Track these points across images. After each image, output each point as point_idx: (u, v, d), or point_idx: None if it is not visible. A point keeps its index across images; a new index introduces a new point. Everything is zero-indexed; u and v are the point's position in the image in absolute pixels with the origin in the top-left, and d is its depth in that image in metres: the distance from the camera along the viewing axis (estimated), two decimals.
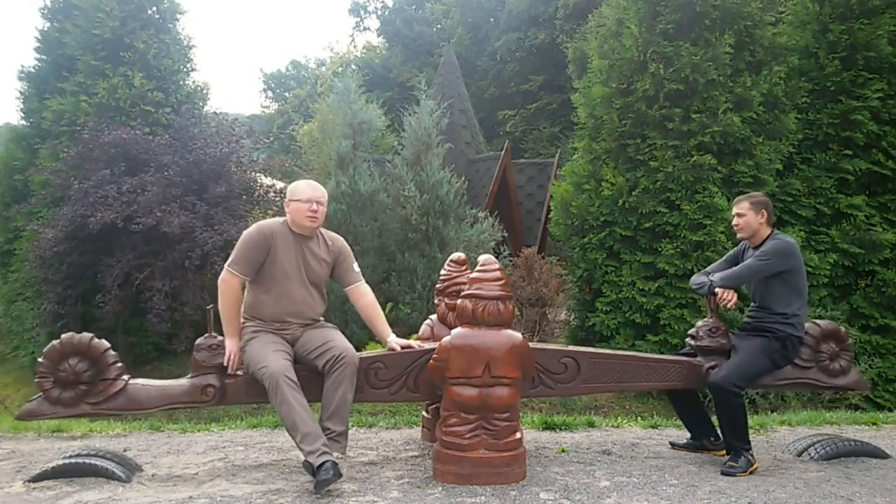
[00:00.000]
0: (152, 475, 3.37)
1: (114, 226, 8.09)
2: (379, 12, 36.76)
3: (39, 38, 10.59)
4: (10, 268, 10.35)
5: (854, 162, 8.04)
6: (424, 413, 4.01)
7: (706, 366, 3.68)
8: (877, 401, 7.41)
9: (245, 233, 3.39)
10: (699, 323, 3.82)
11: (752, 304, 3.83)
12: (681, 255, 7.52)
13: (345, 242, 3.63)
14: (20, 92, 10.85)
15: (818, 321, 3.85)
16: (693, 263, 7.43)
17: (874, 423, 4.87)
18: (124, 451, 3.72)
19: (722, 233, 7.39)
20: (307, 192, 3.38)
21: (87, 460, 3.27)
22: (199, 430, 4.44)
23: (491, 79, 27.38)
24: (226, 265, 3.34)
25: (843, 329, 3.85)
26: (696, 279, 3.83)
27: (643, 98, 7.85)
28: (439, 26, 32.12)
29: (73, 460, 3.28)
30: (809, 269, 7.62)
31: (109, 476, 3.22)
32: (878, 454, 3.86)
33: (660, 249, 7.67)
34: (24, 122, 10.90)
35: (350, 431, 4.24)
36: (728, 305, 3.61)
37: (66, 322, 8.71)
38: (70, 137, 9.32)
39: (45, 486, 3.14)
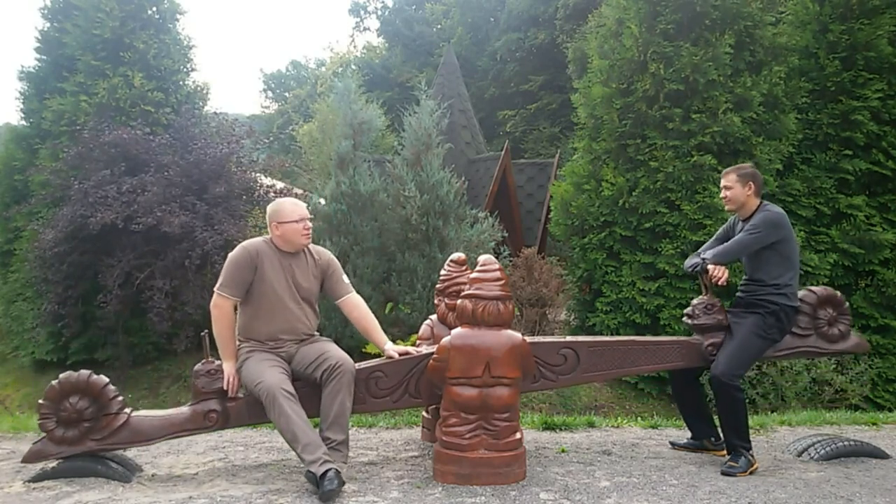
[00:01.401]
0: (152, 475, 3.37)
1: (114, 226, 8.08)
2: (379, 12, 36.77)
3: (39, 38, 10.58)
4: (10, 268, 10.33)
5: (854, 162, 8.04)
6: (424, 413, 4.01)
7: (705, 343, 3.67)
8: (877, 401, 7.42)
9: (230, 255, 3.39)
10: (695, 301, 3.80)
11: (744, 276, 3.80)
12: (681, 256, 7.52)
13: (332, 255, 3.61)
14: (20, 92, 10.84)
15: (813, 287, 3.80)
16: None
17: (874, 423, 4.87)
18: (124, 451, 3.72)
19: None
20: (298, 212, 3.40)
21: (87, 460, 3.27)
22: None
23: (491, 79, 27.38)
24: (215, 289, 3.34)
25: (839, 294, 3.80)
26: (689, 261, 3.83)
27: (643, 98, 7.86)
28: (439, 26, 32.12)
29: (73, 460, 3.28)
30: (809, 269, 7.62)
31: (109, 476, 3.22)
32: (878, 454, 3.86)
33: (660, 249, 7.67)
34: (24, 122, 10.88)
35: (350, 432, 4.25)
36: (720, 282, 3.59)
37: (67, 322, 8.70)
38: (70, 137, 9.31)
39: (45, 486, 3.13)
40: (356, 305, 3.56)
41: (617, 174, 7.95)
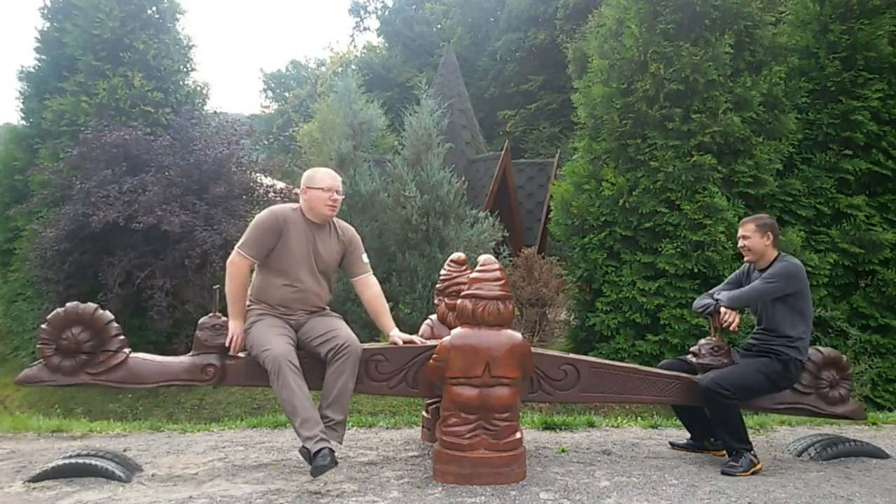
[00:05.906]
0: (152, 475, 3.37)
1: (115, 225, 8.09)
2: (379, 12, 36.80)
3: (39, 38, 10.59)
4: (10, 268, 10.34)
5: (854, 162, 8.03)
6: (424, 413, 4.02)
7: None
8: (877, 401, 7.40)
9: (258, 216, 3.41)
10: (702, 341, 3.80)
11: (756, 326, 3.81)
12: (681, 255, 7.52)
13: (355, 233, 3.64)
14: (20, 92, 10.84)
15: (821, 348, 3.84)
16: (693, 263, 7.43)
17: (874, 423, 4.87)
18: (124, 451, 3.72)
19: (722, 233, 7.39)
20: (327, 181, 3.41)
21: (87, 460, 3.27)
22: (199, 430, 4.44)
23: (491, 79, 27.39)
24: (236, 247, 3.36)
25: (844, 357, 3.85)
26: (700, 301, 3.83)
27: (643, 98, 7.85)
28: (439, 26, 32.15)
29: (73, 460, 3.28)
30: (809, 269, 7.61)
31: (109, 476, 3.22)
32: (878, 454, 3.87)
33: (660, 249, 7.67)
34: (24, 122, 10.89)
35: (350, 432, 4.26)
36: (732, 327, 3.60)
37: None
38: (70, 137, 9.31)
39: (45, 486, 3.13)
40: (370, 286, 3.59)
41: (617, 174, 7.94)
